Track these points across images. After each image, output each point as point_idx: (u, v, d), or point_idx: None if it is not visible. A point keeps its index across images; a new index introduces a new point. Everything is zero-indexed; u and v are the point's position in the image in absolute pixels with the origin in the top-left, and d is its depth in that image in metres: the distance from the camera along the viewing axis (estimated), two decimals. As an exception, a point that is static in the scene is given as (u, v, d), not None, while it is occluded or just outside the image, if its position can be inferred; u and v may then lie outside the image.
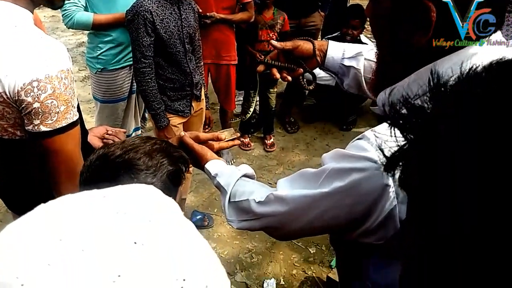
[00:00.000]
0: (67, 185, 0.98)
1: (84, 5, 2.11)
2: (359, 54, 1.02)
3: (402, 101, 0.34)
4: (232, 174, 0.95)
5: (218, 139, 1.11)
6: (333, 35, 3.37)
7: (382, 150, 0.37)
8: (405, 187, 0.35)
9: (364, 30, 3.54)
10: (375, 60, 0.87)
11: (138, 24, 1.85)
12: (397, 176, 0.35)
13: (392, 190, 0.64)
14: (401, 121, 0.34)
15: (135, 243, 0.34)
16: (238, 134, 1.27)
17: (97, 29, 2.15)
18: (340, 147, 0.77)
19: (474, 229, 0.27)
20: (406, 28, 0.63)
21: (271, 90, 3.22)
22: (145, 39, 1.88)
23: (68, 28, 2.20)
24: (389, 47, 0.70)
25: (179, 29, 1.97)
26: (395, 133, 0.34)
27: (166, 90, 2.06)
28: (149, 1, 1.87)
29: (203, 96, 2.30)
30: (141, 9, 1.85)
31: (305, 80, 1.19)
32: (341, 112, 3.66)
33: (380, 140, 0.36)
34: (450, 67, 0.59)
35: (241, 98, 3.58)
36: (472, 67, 0.32)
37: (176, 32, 1.96)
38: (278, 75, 1.05)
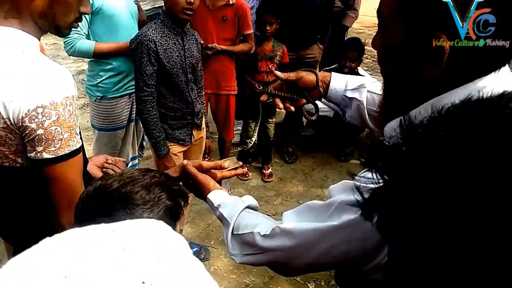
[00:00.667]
0: (66, 214, 0.96)
1: (86, 33, 2.14)
2: (361, 86, 1.04)
3: (376, 141, 0.35)
4: (235, 206, 0.93)
5: (221, 168, 1.10)
6: (331, 67, 3.44)
7: (361, 193, 0.36)
8: (381, 231, 0.35)
9: (362, 63, 3.63)
10: (377, 92, 0.88)
11: (142, 53, 1.88)
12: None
13: None
14: (377, 162, 0.34)
15: (143, 282, 0.33)
16: (241, 163, 1.27)
17: (98, 58, 2.18)
18: (339, 178, 0.76)
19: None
20: (419, 59, 0.62)
21: (270, 120, 3.25)
22: (148, 68, 1.91)
23: (69, 56, 2.23)
24: (398, 79, 0.70)
25: (182, 59, 2.01)
26: (376, 175, 0.34)
27: (167, 119, 2.08)
28: (153, 31, 1.91)
29: (203, 125, 2.31)
30: (145, 38, 1.88)
31: (306, 110, 1.19)
32: (339, 143, 3.67)
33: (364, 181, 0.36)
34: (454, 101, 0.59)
35: (240, 128, 3.59)
36: (443, 106, 0.32)
37: (179, 62, 1.99)
38: (281, 105, 1.07)
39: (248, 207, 0.95)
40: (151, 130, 2.00)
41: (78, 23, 1.02)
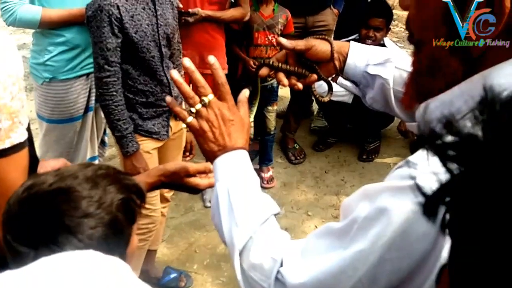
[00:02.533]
0: None
1: (33, -4, 2.14)
2: (388, 61, 1.05)
3: (445, 121, 0.36)
4: (253, 213, 0.85)
5: (210, 172, 1.12)
6: (350, 38, 3.45)
7: (420, 188, 0.37)
8: (451, 233, 0.37)
9: (390, 32, 3.64)
10: (407, 69, 0.90)
11: (102, 21, 1.88)
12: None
13: None
14: (445, 149, 0.35)
15: None
16: None
17: (46, 28, 2.18)
18: (359, 183, 0.77)
19: None
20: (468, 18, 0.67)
21: (270, 108, 3.26)
22: (110, 40, 1.90)
23: (8, 26, 2.23)
24: (432, 48, 0.73)
25: (154, 29, 2.01)
26: (434, 163, 0.36)
27: (137, 106, 2.08)
28: None
29: None
30: (105, 2, 1.87)
31: (317, 91, 1.21)
32: (360, 137, 3.69)
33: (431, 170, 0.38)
34: (507, 77, 0.63)
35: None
36: None
37: (150, 33, 1.99)
38: (285, 81, 1.07)
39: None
40: (116, 121, 1.99)
41: None
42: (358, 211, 0.70)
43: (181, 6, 2.49)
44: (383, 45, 3.36)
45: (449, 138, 0.35)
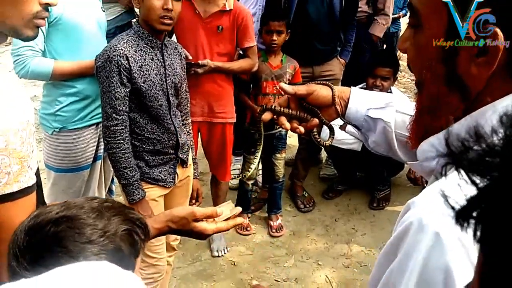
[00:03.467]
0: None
1: (42, 49, 2.20)
2: (388, 105, 1.06)
3: (474, 136, 0.37)
4: None
5: (217, 216, 1.12)
6: (357, 87, 3.48)
7: (447, 199, 0.37)
8: (484, 244, 0.37)
9: (397, 83, 3.68)
10: (409, 113, 0.91)
11: (111, 71, 1.92)
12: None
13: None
14: (475, 162, 0.36)
15: None
16: (240, 209, 1.26)
17: (58, 80, 2.23)
18: (370, 231, 0.77)
19: None
20: (466, 57, 0.70)
21: (278, 155, 3.26)
22: (118, 90, 1.94)
23: (20, 78, 2.26)
24: (441, 82, 0.75)
25: (162, 78, 2.06)
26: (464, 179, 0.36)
27: (144, 154, 2.10)
28: (124, 44, 1.95)
29: (190, 161, 2.33)
30: (114, 53, 1.92)
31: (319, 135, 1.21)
32: (370, 185, 3.66)
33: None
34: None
35: (239, 166, 3.61)
36: None
37: (158, 82, 2.03)
38: (287, 125, 1.09)
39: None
40: (122, 169, 2.00)
41: (40, 25, 1.04)
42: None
43: (190, 57, 2.54)
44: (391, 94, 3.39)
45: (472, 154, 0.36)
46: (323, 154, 4.14)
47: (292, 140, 4.35)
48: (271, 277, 2.86)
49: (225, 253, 3.03)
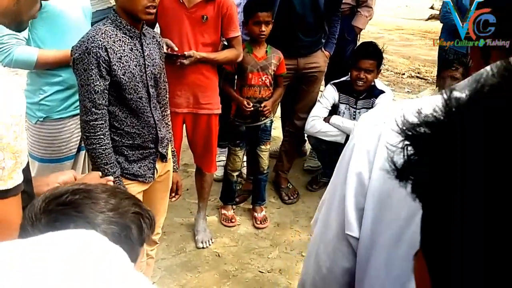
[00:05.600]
0: None
1: (27, 38, 2.18)
2: None
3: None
4: None
5: None
6: (341, 79, 3.53)
7: (393, 160, 0.43)
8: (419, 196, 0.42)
9: (380, 76, 3.73)
10: None
11: (89, 64, 1.86)
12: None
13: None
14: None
15: None
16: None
17: (42, 68, 2.22)
18: None
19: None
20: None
21: (263, 147, 3.29)
22: (97, 83, 1.88)
23: (4, 67, 2.25)
24: None
25: (142, 69, 2.02)
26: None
27: (123, 149, 2.06)
28: (103, 35, 1.89)
29: (169, 155, 2.31)
30: (92, 45, 1.86)
31: None
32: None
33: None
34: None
35: (223, 158, 3.63)
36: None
37: (138, 73, 1.99)
38: None
39: None
40: (103, 165, 1.96)
41: None
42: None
43: (176, 49, 2.55)
44: (375, 86, 3.44)
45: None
46: (307, 146, 4.19)
47: (277, 132, 4.39)
48: (255, 268, 2.89)
49: (209, 245, 3.06)
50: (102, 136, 1.94)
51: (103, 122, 1.94)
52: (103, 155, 1.96)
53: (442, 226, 0.39)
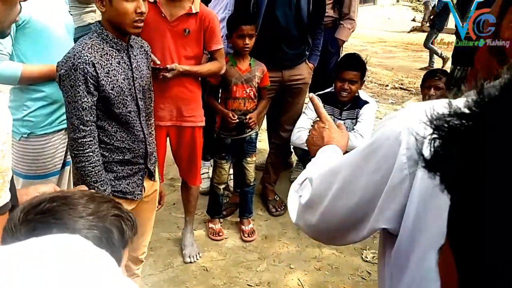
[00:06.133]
0: None
1: (10, 53, 2.17)
2: None
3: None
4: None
5: None
6: (325, 91, 3.56)
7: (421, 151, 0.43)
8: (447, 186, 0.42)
9: (364, 87, 3.77)
10: None
11: (76, 80, 1.82)
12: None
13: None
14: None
15: None
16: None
17: (26, 84, 2.21)
18: None
19: None
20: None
21: (249, 159, 3.30)
22: (85, 99, 1.85)
23: (-12, 83, 2.24)
24: None
25: (130, 82, 1.99)
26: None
27: (113, 165, 2.02)
28: (89, 50, 1.85)
29: (157, 176, 2.28)
30: (79, 60, 1.82)
31: None
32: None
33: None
34: None
35: (206, 170, 3.63)
36: None
37: (126, 87, 1.97)
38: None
39: None
40: (93, 183, 1.91)
41: (0, 39, 1.07)
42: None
43: (158, 62, 2.56)
44: (359, 97, 3.48)
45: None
46: (294, 158, 4.20)
47: (263, 144, 4.40)
48: (244, 281, 2.88)
49: (197, 259, 3.04)
50: (91, 154, 1.90)
51: (92, 139, 1.90)
52: (93, 172, 1.91)
53: (471, 219, 0.39)
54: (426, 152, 0.42)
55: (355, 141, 3.23)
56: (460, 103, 0.41)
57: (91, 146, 1.90)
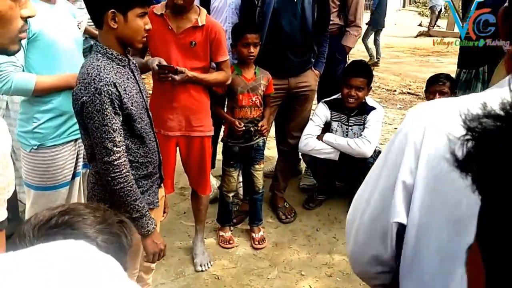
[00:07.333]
0: None
1: (24, 64, 2.21)
2: None
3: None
4: None
5: None
6: (332, 97, 3.57)
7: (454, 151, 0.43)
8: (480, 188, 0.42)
9: (371, 93, 3.77)
10: None
11: (103, 104, 1.77)
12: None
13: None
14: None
15: None
16: None
17: (39, 95, 2.24)
18: None
19: None
20: None
21: (257, 166, 3.31)
22: (114, 121, 1.81)
23: (2, 94, 2.27)
24: None
25: (140, 95, 2.00)
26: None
27: (139, 181, 2.00)
28: (106, 71, 1.81)
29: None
30: (101, 84, 1.77)
31: None
32: (350, 193, 3.72)
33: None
34: None
35: (210, 178, 3.63)
36: None
37: (139, 100, 1.96)
38: None
39: None
40: (133, 202, 1.88)
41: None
42: None
43: (165, 63, 2.56)
44: (366, 103, 3.48)
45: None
46: (302, 165, 4.20)
47: (272, 152, 4.41)
48: (254, 289, 2.88)
49: (208, 267, 3.04)
50: (127, 174, 1.86)
51: (125, 159, 1.87)
52: (131, 191, 1.88)
53: (502, 220, 0.38)
54: (459, 153, 0.42)
55: (363, 147, 3.23)
56: (494, 104, 0.41)
57: (126, 166, 1.86)
